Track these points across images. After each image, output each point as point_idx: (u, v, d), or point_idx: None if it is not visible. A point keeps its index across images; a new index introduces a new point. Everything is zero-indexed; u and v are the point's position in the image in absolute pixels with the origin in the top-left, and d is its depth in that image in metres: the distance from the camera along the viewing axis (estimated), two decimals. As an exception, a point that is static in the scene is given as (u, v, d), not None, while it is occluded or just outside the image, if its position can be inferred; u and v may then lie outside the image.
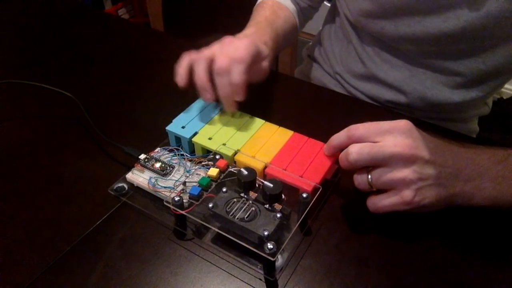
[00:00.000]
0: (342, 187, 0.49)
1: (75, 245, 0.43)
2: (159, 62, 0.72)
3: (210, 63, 0.50)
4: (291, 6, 0.71)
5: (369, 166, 0.41)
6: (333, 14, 0.76)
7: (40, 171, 0.51)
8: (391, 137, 0.40)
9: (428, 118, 0.67)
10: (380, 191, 0.41)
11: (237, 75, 0.48)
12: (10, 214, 0.46)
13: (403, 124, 0.41)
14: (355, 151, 0.41)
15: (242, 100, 0.50)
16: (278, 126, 0.52)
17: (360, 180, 0.42)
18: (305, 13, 0.75)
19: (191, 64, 0.51)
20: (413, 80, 0.65)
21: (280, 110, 0.62)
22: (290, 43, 0.77)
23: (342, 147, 0.43)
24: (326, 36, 0.78)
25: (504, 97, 0.96)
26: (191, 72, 0.50)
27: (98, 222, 0.45)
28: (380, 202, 0.41)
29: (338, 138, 0.44)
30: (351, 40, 0.70)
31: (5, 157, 0.53)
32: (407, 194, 0.39)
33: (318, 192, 0.44)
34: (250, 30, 0.60)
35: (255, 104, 0.62)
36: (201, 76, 0.49)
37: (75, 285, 0.39)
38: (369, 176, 0.41)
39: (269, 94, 0.66)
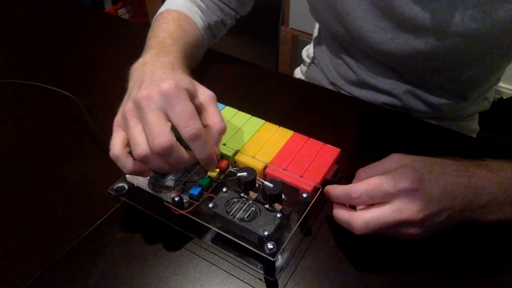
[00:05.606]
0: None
1: (75, 245, 0.43)
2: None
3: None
4: (199, 22, 0.62)
5: None
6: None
7: (40, 171, 0.51)
8: (397, 202, 0.38)
9: (428, 118, 0.67)
10: None
11: (177, 160, 0.40)
12: (10, 214, 0.46)
13: (408, 184, 0.37)
14: (360, 229, 0.38)
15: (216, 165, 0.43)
16: (278, 126, 0.52)
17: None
18: (213, 30, 0.67)
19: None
20: (403, 85, 0.65)
21: (280, 110, 0.61)
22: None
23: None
24: (316, 43, 0.78)
25: (504, 97, 0.96)
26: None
27: (98, 222, 0.45)
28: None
29: (338, 198, 0.42)
30: (338, 50, 0.70)
31: (5, 157, 0.53)
32: (411, 238, 0.39)
33: (318, 192, 0.44)
34: (151, 54, 0.48)
35: (255, 104, 0.62)
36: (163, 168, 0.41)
37: (75, 285, 0.39)
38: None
39: (269, 94, 0.66)
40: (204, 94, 0.42)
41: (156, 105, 0.39)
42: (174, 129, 0.39)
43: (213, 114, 0.42)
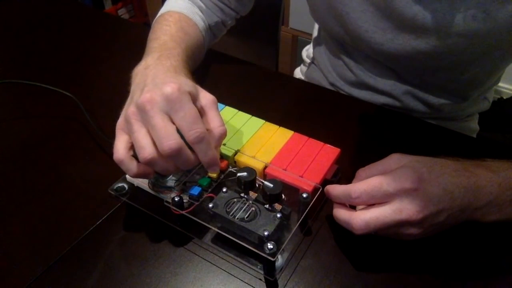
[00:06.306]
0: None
1: (75, 245, 0.43)
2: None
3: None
4: (200, 23, 0.62)
5: None
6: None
7: (40, 171, 0.51)
8: (397, 202, 0.38)
9: (428, 118, 0.67)
10: None
11: (185, 163, 0.40)
12: (10, 214, 0.46)
13: (408, 184, 0.38)
14: (360, 229, 0.38)
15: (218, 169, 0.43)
16: (278, 126, 0.52)
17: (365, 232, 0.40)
18: (214, 31, 0.67)
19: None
20: (402, 86, 0.65)
21: (280, 110, 0.61)
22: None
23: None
24: (316, 43, 0.78)
25: (504, 97, 0.96)
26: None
27: (98, 222, 0.45)
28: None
29: (337, 198, 0.42)
30: (337, 50, 0.70)
31: (5, 157, 0.53)
32: (411, 238, 0.39)
33: (318, 192, 0.44)
34: (153, 57, 0.48)
35: (255, 104, 0.62)
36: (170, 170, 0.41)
37: (75, 285, 0.39)
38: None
39: (269, 94, 0.66)
40: (205, 98, 0.43)
41: (160, 108, 0.39)
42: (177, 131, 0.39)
43: (214, 118, 0.42)
